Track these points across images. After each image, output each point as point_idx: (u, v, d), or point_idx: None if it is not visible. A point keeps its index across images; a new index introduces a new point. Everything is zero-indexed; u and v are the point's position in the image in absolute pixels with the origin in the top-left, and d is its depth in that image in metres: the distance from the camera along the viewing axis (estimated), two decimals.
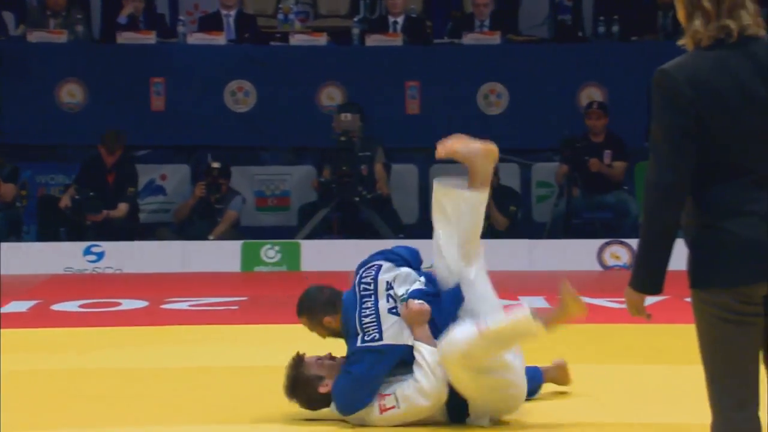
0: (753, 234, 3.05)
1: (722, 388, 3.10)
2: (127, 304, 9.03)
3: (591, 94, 12.76)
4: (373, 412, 4.98)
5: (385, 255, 5.35)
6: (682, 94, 3.03)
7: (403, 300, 5.10)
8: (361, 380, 4.93)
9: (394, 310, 5.08)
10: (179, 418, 5.30)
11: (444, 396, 4.91)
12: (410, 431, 4.98)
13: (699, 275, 3.08)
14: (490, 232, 11.80)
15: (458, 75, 12.82)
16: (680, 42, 3.17)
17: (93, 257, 11.37)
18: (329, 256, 11.62)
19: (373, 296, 5.12)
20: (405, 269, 5.20)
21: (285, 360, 6.75)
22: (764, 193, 3.05)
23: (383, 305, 5.09)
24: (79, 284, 10.44)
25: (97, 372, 6.33)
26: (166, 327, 7.98)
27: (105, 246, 11.43)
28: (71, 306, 8.94)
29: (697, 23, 3.09)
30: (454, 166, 14.43)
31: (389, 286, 5.16)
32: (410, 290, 5.15)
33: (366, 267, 5.30)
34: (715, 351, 3.11)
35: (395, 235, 12.02)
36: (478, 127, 13.18)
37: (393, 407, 4.94)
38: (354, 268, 5.55)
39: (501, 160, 12.57)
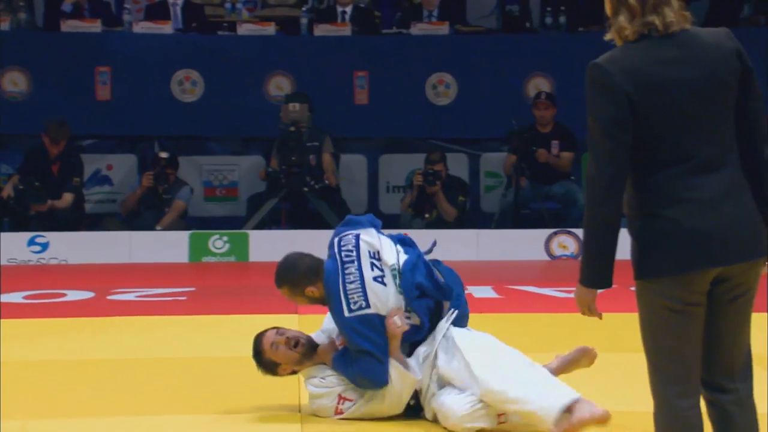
0: (694, 222, 3.10)
1: (666, 377, 3.15)
2: (73, 295, 8.98)
3: (539, 84, 12.85)
4: (329, 404, 4.98)
5: (351, 224, 5.24)
6: (616, 86, 3.08)
7: (393, 271, 4.97)
8: (382, 348, 4.78)
9: (379, 279, 4.90)
10: (129, 409, 5.29)
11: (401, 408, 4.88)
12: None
13: (643, 265, 3.13)
14: (438, 222, 11.88)
15: (407, 65, 12.86)
16: (607, 37, 3.22)
17: (37, 248, 11.28)
18: (278, 247, 11.57)
19: (356, 262, 4.92)
20: (383, 237, 5.11)
21: (234, 350, 6.77)
22: (704, 179, 3.11)
23: (368, 273, 4.89)
24: (23, 275, 10.36)
25: (43, 364, 6.30)
26: (112, 318, 7.95)
27: (50, 236, 11.34)
28: (15, 297, 8.88)
29: (622, 19, 3.14)
30: (403, 156, 14.37)
31: (373, 255, 4.99)
32: (404, 264, 5.00)
33: (342, 235, 5.11)
34: (660, 340, 3.16)
35: None
36: (427, 117, 13.28)
37: (352, 401, 4.93)
38: None
39: (449, 150, 12.87)
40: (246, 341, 7.04)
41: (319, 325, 7.81)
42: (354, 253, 5.00)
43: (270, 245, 11.64)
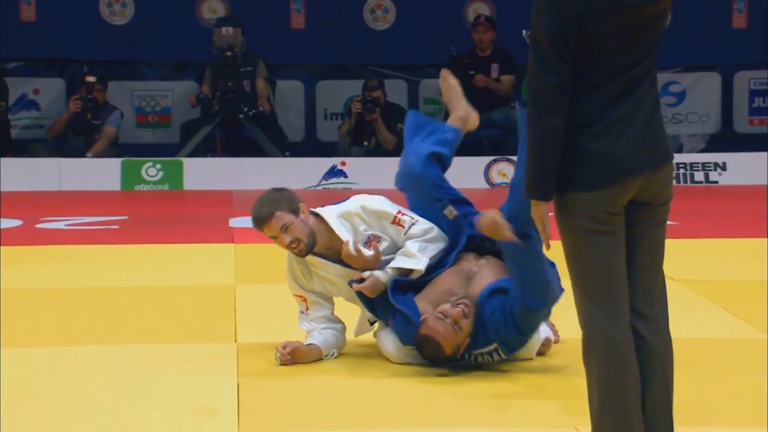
0: (614, 141, 3.20)
1: (593, 300, 3.24)
2: (1, 223, 8.90)
3: (478, 8, 12.84)
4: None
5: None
6: (571, 3, 3.13)
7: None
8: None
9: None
10: (59, 340, 5.30)
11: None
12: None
13: (564, 180, 3.21)
14: (377, 150, 11.89)
15: None
16: None
17: None
18: (213, 175, 11.58)
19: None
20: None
21: (168, 280, 6.78)
22: (628, 100, 3.20)
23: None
24: None
25: None
26: (42, 247, 7.91)
27: None
28: None
29: None
30: (341, 83, 14.31)
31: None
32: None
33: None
34: (584, 263, 3.24)
35: (281, 153, 12.02)
36: (365, 43, 13.23)
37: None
38: (237, 186, 5.49)
39: (388, 76, 12.84)
40: (181, 271, 7.06)
41: (254, 255, 7.84)
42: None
43: (205, 173, 11.60)
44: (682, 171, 11.81)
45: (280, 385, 4.62)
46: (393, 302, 4.74)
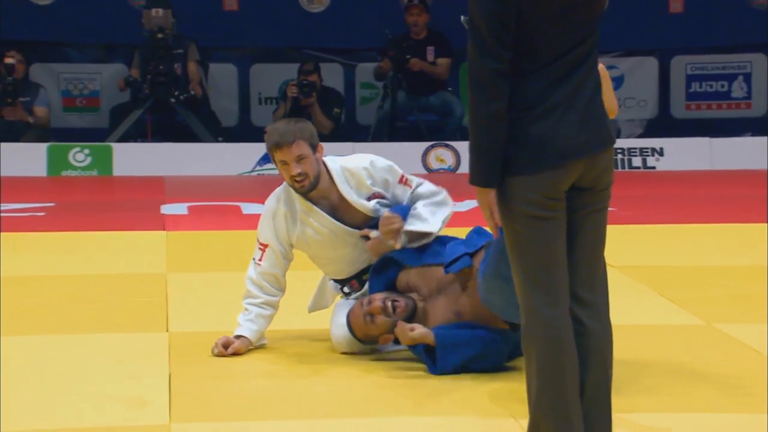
0: (555, 124, 3.22)
1: (534, 287, 3.26)
2: None
3: None
4: None
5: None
6: None
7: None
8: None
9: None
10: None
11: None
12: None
13: (504, 164, 3.22)
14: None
15: None
16: None
17: None
18: (143, 160, 11.47)
19: None
20: None
21: (98, 268, 6.71)
22: (569, 82, 3.22)
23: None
24: None
25: None
26: None
27: None
28: None
29: None
30: (275, 66, 14.25)
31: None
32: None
33: None
34: (525, 249, 3.26)
35: (214, 138, 11.95)
36: (300, 26, 13.17)
37: None
38: (168, 172, 5.43)
39: (323, 60, 12.80)
40: (111, 259, 6.99)
41: (186, 243, 7.79)
42: None
43: (135, 159, 11.49)
44: (619, 156, 11.92)
45: (213, 375, 4.60)
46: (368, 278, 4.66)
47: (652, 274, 6.46)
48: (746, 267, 6.71)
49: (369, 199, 4.85)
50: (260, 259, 4.93)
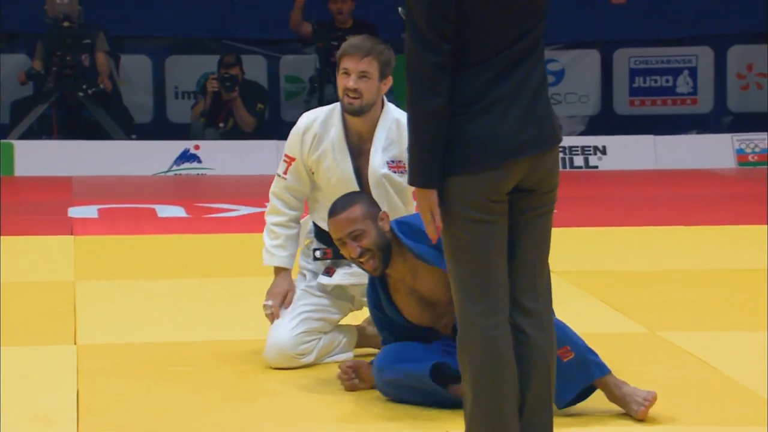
0: (496, 121, 3.23)
1: (470, 295, 3.26)
2: None
3: None
4: None
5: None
6: None
7: None
8: None
9: None
10: None
11: None
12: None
13: (447, 165, 3.23)
14: (234, 132, 11.82)
15: None
16: None
17: None
18: (48, 160, 11.34)
19: None
20: None
21: (7, 276, 6.62)
22: (511, 77, 3.22)
23: None
24: None
25: None
26: None
27: None
28: None
29: None
30: (194, 58, 14.10)
31: None
32: None
33: None
34: (462, 254, 3.27)
35: (126, 136, 11.86)
36: (217, 14, 13.10)
37: None
38: (77, 172, 5.38)
39: (245, 51, 12.75)
40: (14, 266, 6.90)
41: (95, 248, 7.72)
42: None
43: (40, 157, 11.36)
44: (561, 155, 12.01)
45: (123, 390, 4.57)
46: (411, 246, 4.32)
47: (594, 280, 6.51)
48: (691, 271, 6.80)
49: (389, 165, 4.81)
50: (285, 172, 4.90)
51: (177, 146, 11.74)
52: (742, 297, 6.09)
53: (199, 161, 11.66)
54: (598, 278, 6.58)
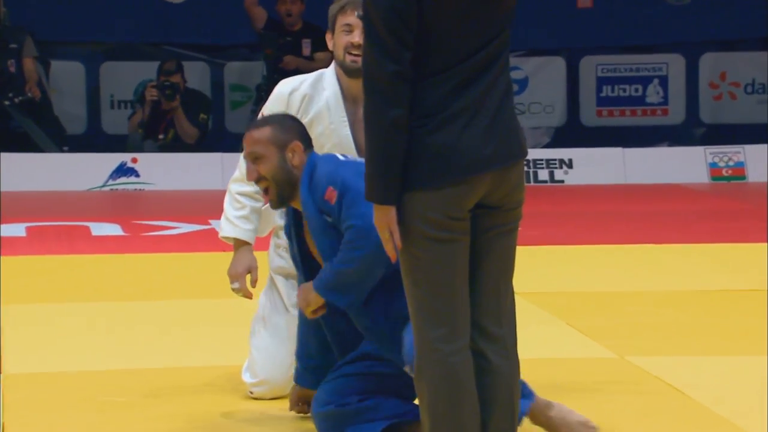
0: (458, 133, 3.23)
1: (429, 318, 3.26)
2: None
3: None
4: None
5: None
6: None
7: None
8: None
9: None
10: None
11: None
12: None
13: (405, 180, 3.22)
14: (175, 144, 11.78)
15: None
16: None
17: None
18: None
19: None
20: None
21: None
22: (475, 86, 3.23)
23: None
24: None
25: None
26: None
27: None
28: None
29: None
30: (131, 65, 13.98)
31: None
32: None
33: None
34: (420, 274, 3.26)
35: (58, 148, 11.78)
36: (157, 17, 13.07)
37: None
38: (4, 188, 5.32)
39: (186, 58, 12.73)
40: None
41: (24, 270, 7.65)
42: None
43: None
44: (524, 169, 12.07)
45: (52, 423, 4.52)
46: None
47: (559, 301, 6.53)
48: (661, 292, 6.83)
49: None
50: None
51: (113, 159, 11.69)
52: (714, 319, 6.13)
53: (137, 175, 11.61)
54: (564, 300, 6.60)
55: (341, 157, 4.13)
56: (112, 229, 9.18)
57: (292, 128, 4.12)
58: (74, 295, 6.76)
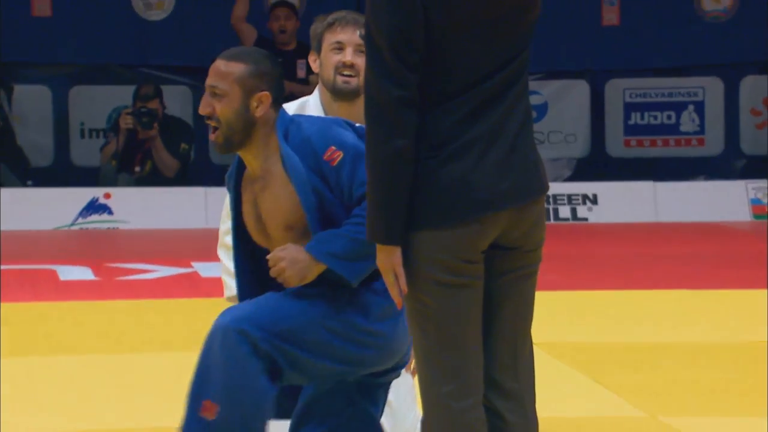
0: (472, 166, 3.24)
1: (439, 372, 3.25)
2: None
3: None
4: None
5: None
6: None
7: None
8: None
9: None
10: None
11: None
12: None
13: (412, 217, 3.24)
14: (153, 178, 11.81)
15: None
16: None
17: None
18: None
19: None
20: None
21: None
22: (490, 114, 3.25)
23: None
24: None
25: None
26: None
27: None
28: None
29: None
30: (103, 89, 14.08)
31: None
32: None
33: None
34: (430, 324, 3.26)
35: (21, 182, 11.82)
36: (131, 37, 13.10)
37: None
38: None
39: (166, 81, 12.78)
40: None
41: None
42: None
43: None
44: (545, 205, 12.09)
45: None
46: None
47: (583, 354, 6.54)
48: (696, 344, 6.84)
49: None
50: None
51: (83, 195, 11.71)
52: (756, 375, 6.12)
53: (110, 212, 11.64)
54: (588, 352, 6.61)
55: (323, 117, 4.01)
56: (82, 273, 9.20)
57: (267, 75, 3.97)
58: (38, 348, 6.78)
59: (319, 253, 3.82)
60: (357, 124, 3.97)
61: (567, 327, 7.26)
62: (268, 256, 3.87)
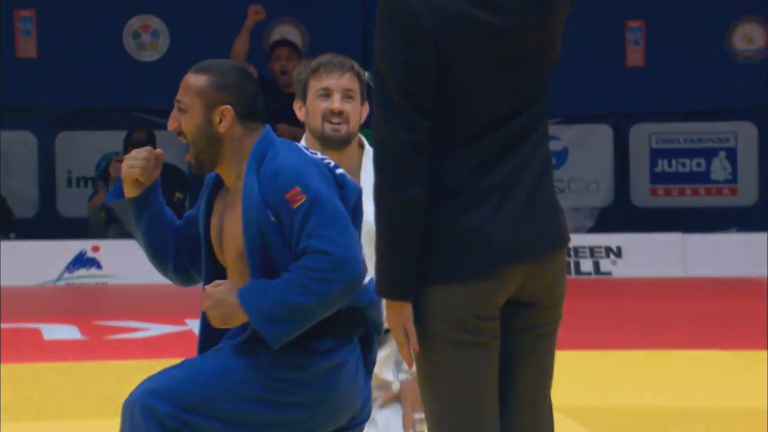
0: (488, 217, 3.24)
1: None
2: None
3: (284, 31, 12.98)
4: None
5: None
6: (422, 30, 3.18)
7: None
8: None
9: None
10: None
11: None
12: None
13: (424, 271, 3.23)
14: None
15: (99, 3, 12.74)
16: None
17: None
18: None
19: None
20: None
21: None
22: (507, 161, 3.25)
23: None
24: None
25: None
26: None
27: None
28: None
29: None
30: (92, 135, 14.17)
31: None
32: None
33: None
34: (442, 385, 3.25)
35: (4, 235, 11.83)
36: (127, 79, 13.17)
37: None
38: None
39: (159, 126, 12.81)
40: None
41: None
42: None
43: None
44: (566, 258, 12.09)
45: None
46: None
47: (606, 418, 6.52)
48: (729, 409, 6.82)
49: None
50: None
51: (70, 248, 11.74)
52: None
53: (99, 267, 11.65)
54: (612, 417, 6.59)
55: (307, 152, 3.98)
56: (69, 332, 9.19)
57: (232, 87, 3.94)
58: (21, 413, 6.76)
59: (246, 304, 3.81)
60: (340, 171, 3.95)
61: (589, 389, 7.24)
62: (203, 288, 3.90)
